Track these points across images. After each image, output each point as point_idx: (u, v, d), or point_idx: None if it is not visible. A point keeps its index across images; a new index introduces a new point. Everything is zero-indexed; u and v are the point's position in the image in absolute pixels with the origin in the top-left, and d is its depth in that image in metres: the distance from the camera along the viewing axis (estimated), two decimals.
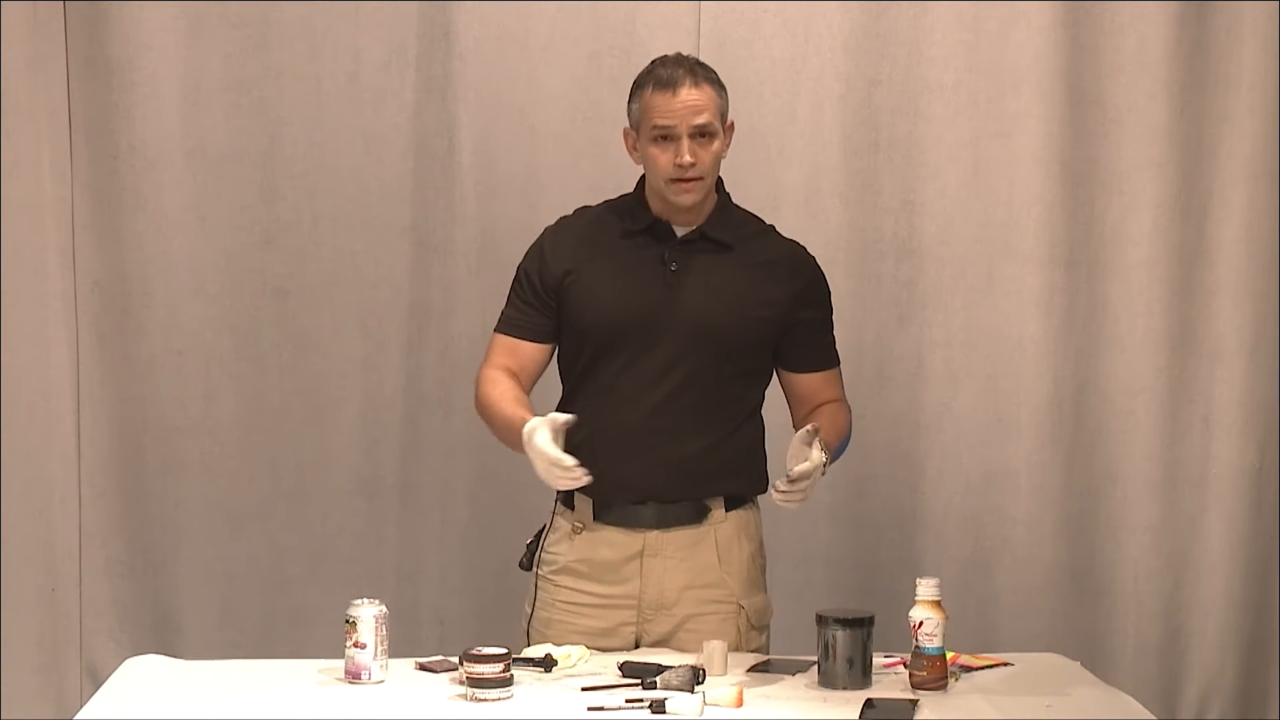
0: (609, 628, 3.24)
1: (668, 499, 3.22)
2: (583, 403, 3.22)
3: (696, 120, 3.13)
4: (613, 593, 3.24)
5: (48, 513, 4.28)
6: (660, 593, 3.23)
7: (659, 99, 3.14)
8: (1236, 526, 4.36)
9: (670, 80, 3.14)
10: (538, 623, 3.28)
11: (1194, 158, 4.32)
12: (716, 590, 3.25)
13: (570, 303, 3.22)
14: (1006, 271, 4.33)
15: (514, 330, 3.27)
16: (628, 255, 3.22)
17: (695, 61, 3.20)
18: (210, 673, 3.13)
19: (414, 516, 4.34)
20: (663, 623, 3.24)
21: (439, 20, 4.25)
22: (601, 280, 3.21)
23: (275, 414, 4.31)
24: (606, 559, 3.24)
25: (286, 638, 4.25)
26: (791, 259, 3.29)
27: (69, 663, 4.31)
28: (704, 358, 3.19)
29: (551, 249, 3.25)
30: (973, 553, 4.35)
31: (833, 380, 3.33)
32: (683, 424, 3.19)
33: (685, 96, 3.13)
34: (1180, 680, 4.39)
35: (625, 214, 3.26)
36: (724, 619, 3.25)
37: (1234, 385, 4.35)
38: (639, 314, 3.18)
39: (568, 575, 3.26)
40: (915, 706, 2.86)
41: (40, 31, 4.20)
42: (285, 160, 4.27)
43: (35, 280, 4.26)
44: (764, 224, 3.33)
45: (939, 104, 4.30)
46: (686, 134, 3.13)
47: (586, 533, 3.25)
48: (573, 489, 3.08)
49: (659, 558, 3.23)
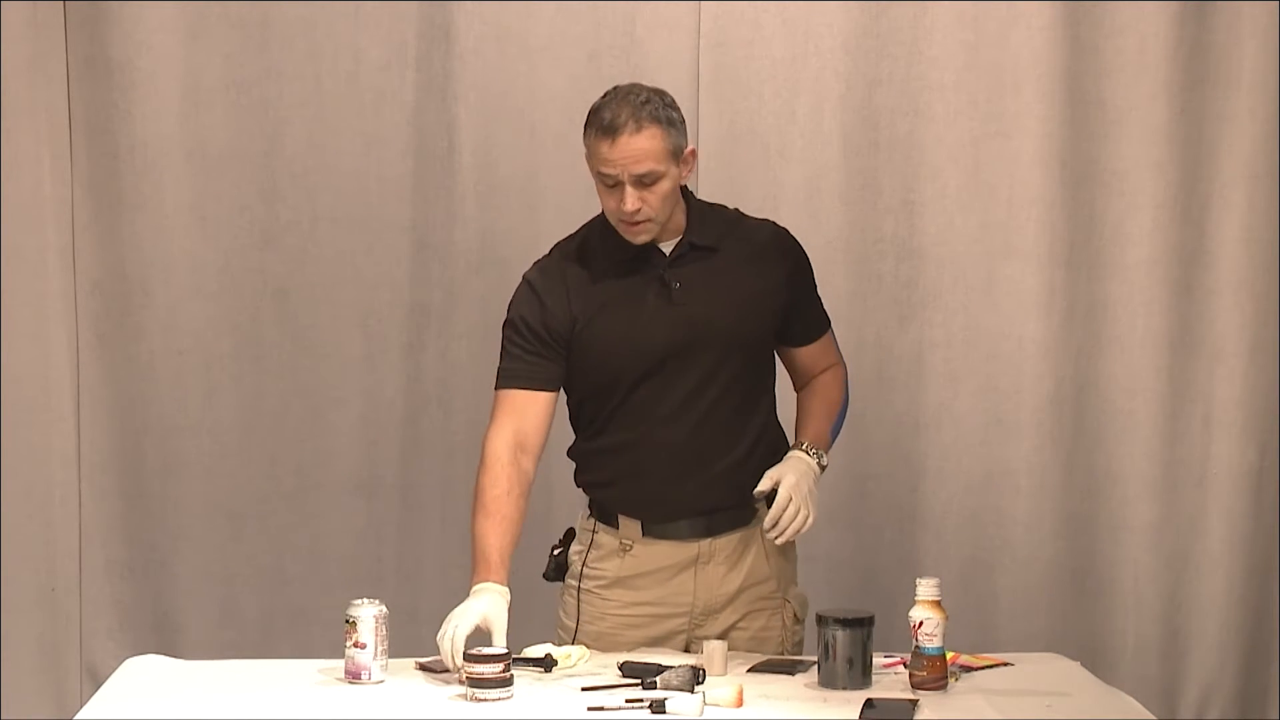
0: (661, 635, 3.23)
1: (719, 508, 3.21)
2: (620, 433, 3.19)
3: (636, 170, 3.04)
4: (666, 601, 3.22)
5: (48, 513, 4.28)
6: (713, 597, 3.22)
7: (600, 145, 3.05)
8: (1236, 526, 4.36)
9: (610, 127, 3.03)
10: (586, 636, 3.24)
11: (1194, 158, 4.32)
12: (765, 587, 3.25)
13: (589, 348, 3.16)
14: (1006, 271, 4.33)
15: (522, 382, 3.16)
16: (629, 286, 3.17)
17: (642, 99, 3.05)
18: (210, 673, 3.13)
19: (414, 516, 4.34)
20: (713, 626, 3.23)
21: (439, 20, 4.25)
22: (616, 319, 3.15)
23: (275, 414, 4.31)
24: (659, 569, 3.22)
25: (286, 638, 4.26)
26: (773, 241, 3.26)
27: (69, 663, 4.31)
28: (733, 362, 3.17)
29: (548, 295, 3.17)
30: (973, 553, 4.35)
31: (828, 343, 3.33)
32: (724, 432, 3.18)
33: (624, 146, 3.03)
34: (1180, 680, 4.38)
35: (608, 244, 3.18)
36: (772, 614, 3.26)
37: (1234, 385, 4.35)
38: (665, 340, 3.14)
39: (618, 589, 3.24)
40: (915, 706, 2.86)
41: (40, 31, 4.21)
42: (285, 160, 4.27)
43: (35, 280, 4.26)
44: (730, 211, 3.29)
45: (939, 104, 4.30)
46: (629, 182, 3.05)
47: (637, 547, 3.22)
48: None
49: (712, 564, 3.22)
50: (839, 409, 3.31)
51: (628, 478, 3.19)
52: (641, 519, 3.21)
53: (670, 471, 3.17)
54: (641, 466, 3.17)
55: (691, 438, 3.16)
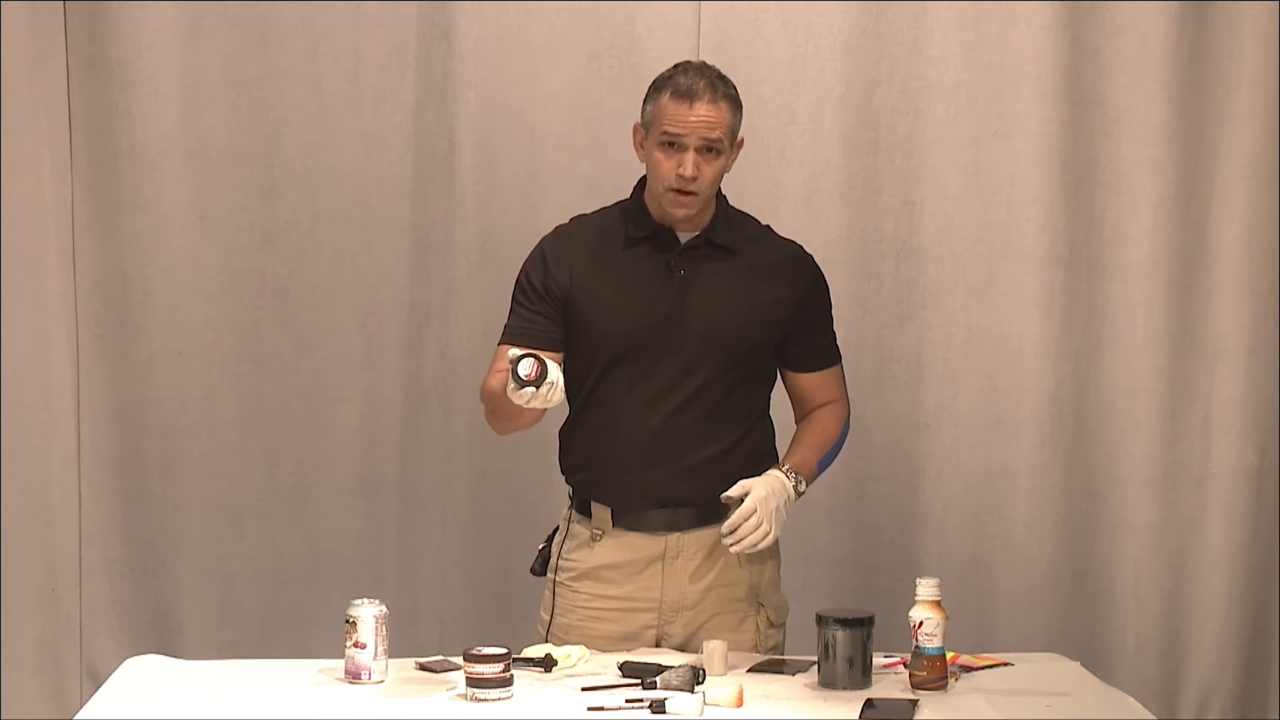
0: (631, 631, 3.24)
1: (688, 503, 3.22)
2: (597, 413, 3.21)
3: (709, 135, 3.11)
4: (634, 596, 3.23)
5: (48, 513, 4.28)
6: (681, 594, 3.23)
7: (674, 106, 3.11)
8: (1236, 526, 4.36)
9: (689, 91, 3.11)
10: (558, 629, 3.27)
11: (1194, 158, 4.32)
12: (737, 589, 3.25)
13: (580, 316, 3.20)
14: (1006, 271, 4.33)
15: (521, 339, 3.19)
16: (634, 264, 3.20)
17: (718, 75, 3.17)
18: (210, 673, 3.13)
19: (414, 516, 4.34)
20: (683, 624, 3.23)
21: (439, 20, 4.25)
22: (611, 292, 3.19)
23: (275, 414, 4.31)
24: (628, 563, 3.23)
25: (286, 638, 4.25)
26: (793, 260, 3.29)
27: (69, 663, 4.31)
28: (716, 362, 3.18)
29: (555, 259, 3.22)
30: (973, 553, 4.35)
31: (833, 377, 3.33)
32: (700, 428, 3.19)
33: (701, 110, 3.11)
34: (1180, 680, 4.38)
35: (627, 221, 3.23)
36: (744, 617, 3.26)
37: (1234, 385, 4.35)
38: (652, 323, 3.17)
39: (588, 581, 3.25)
40: (915, 706, 2.86)
41: (40, 31, 4.21)
42: (285, 160, 4.27)
43: (35, 280, 4.26)
44: (761, 225, 3.33)
45: (939, 104, 4.30)
46: (694, 146, 3.11)
47: (606, 539, 3.24)
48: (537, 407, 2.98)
49: (680, 559, 3.23)
50: (831, 445, 3.30)
51: (599, 461, 3.20)
52: (611, 506, 3.22)
53: (639, 458, 3.18)
54: (611, 450, 3.19)
55: (664, 427, 3.18)
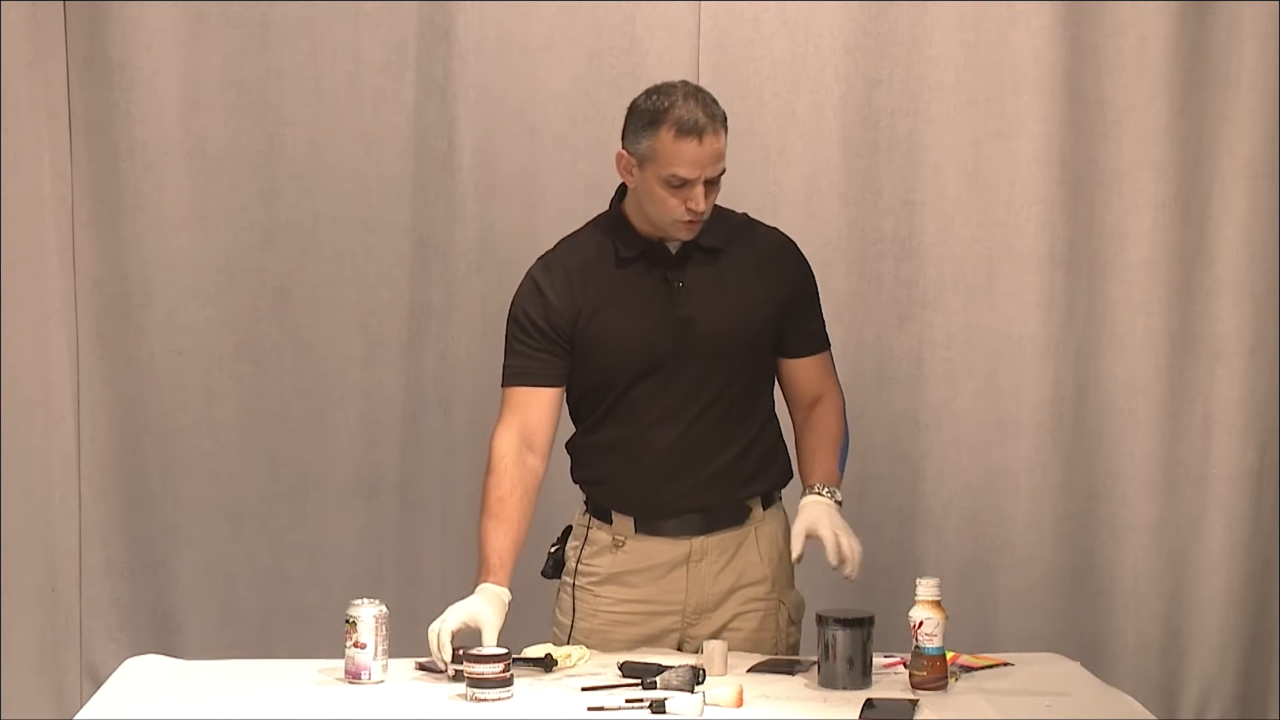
0: (654, 634, 3.23)
1: (710, 507, 3.21)
2: (615, 430, 3.20)
3: (716, 170, 3.06)
4: (658, 599, 3.22)
5: (48, 513, 4.28)
6: (704, 596, 3.22)
7: (684, 147, 3.01)
8: (1236, 526, 4.36)
9: (694, 127, 3.00)
10: (579, 634, 3.25)
11: (1194, 158, 4.32)
12: (759, 588, 3.25)
13: (592, 343, 3.16)
14: (1006, 271, 4.33)
15: (526, 379, 3.16)
16: (632, 284, 3.16)
17: (709, 98, 3.06)
18: (210, 673, 3.13)
19: (414, 516, 4.34)
20: (706, 625, 3.23)
21: (439, 20, 4.25)
22: (619, 314, 3.15)
23: (275, 414, 4.31)
24: (651, 567, 3.22)
25: (286, 638, 4.25)
26: (779, 250, 3.26)
27: (69, 663, 4.31)
28: (726, 366, 3.17)
29: (553, 291, 3.16)
30: (973, 553, 4.35)
31: (826, 362, 3.31)
32: (718, 433, 3.18)
33: (709, 147, 3.03)
34: (1180, 680, 4.38)
35: (615, 241, 3.18)
36: (765, 615, 3.25)
37: (1234, 385, 4.35)
38: (664, 338, 3.14)
39: (611, 585, 3.24)
40: (915, 706, 2.86)
41: (40, 31, 4.21)
42: (285, 160, 4.27)
43: (35, 280, 4.26)
44: (738, 215, 3.27)
45: (939, 104, 4.30)
46: (703, 182, 3.05)
47: (629, 544, 3.23)
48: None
49: (705, 562, 3.22)
50: (841, 442, 3.29)
51: (620, 475, 3.20)
52: (634, 516, 3.22)
53: (663, 471, 3.17)
54: (634, 464, 3.18)
55: (685, 438, 3.16)
